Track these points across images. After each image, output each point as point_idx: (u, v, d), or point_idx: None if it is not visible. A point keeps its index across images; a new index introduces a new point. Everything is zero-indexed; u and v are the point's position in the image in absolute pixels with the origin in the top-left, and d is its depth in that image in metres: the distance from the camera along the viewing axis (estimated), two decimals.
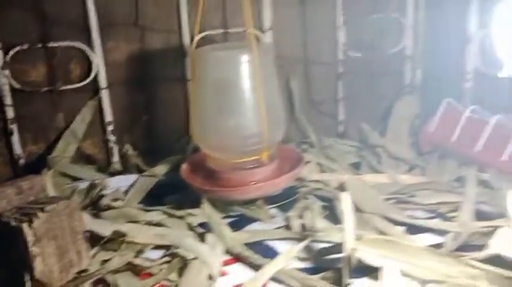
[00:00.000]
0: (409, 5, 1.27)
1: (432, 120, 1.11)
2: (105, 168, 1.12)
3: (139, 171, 1.07)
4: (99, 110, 1.13)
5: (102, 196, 0.97)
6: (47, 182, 0.87)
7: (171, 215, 0.90)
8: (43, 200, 0.75)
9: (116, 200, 0.96)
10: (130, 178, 1.04)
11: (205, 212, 0.88)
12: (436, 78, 1.29)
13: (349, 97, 1.29)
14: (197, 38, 0.94)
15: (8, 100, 1.05)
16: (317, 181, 1.01)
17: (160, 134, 1.19)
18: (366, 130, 1.16)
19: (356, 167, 1.10)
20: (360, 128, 1.31)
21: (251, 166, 0.91)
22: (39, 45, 1.05)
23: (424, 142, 1.12)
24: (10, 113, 1.06)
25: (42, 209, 0.71)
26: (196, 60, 0.90)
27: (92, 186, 1.00)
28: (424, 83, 1.31)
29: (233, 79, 0.87)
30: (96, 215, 0.88)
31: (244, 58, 0.86)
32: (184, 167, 0.98)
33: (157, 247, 0.81)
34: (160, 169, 1.04)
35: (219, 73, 0.87)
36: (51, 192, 0.90)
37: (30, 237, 0.68)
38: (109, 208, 0.92)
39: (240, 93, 0.87)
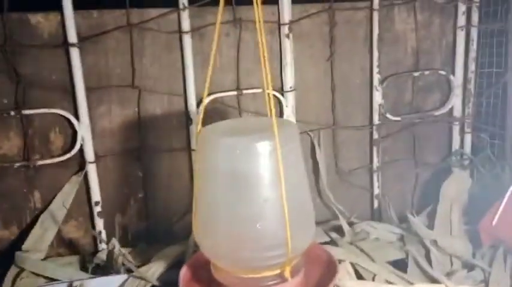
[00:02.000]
0: (458, 61, 1.07)
1: (495, 209, 0.90)
2: (90, 260, 0.92)
3: (129, 269, 0.86)
4: (85, 187, 0.93)
5: None
6: None
7: None
8: None
9: None
10: (116, 280, 0.83)
11: None
12: (490, 146, 1.08)
13: (386, 167, 1.08)
14: (203, 105, 0.74)
15: None
16: None
17: (160, 213, 0.99)
18: (412, 221, 0.94)
19: (400, 266, 0.88)
20: (400, 202, 1.11)
21: (269, 283, 0.70)
22: (12, 113, 0.86)
23: (486, 236, 0.90)
24: None
25: None
26: (204, 144, 0.70)
27: None
28: (475, 151, 1.10)
29: (250, 173, 0.66)
30: None
31: (265, 147, 0.66)
32: (183, 273, 0.77)
33: None
34: (154, 270, 0.83)
35: (232, 164, 0.67)
36: None
37: None
38: None
39: (259, 191, 0.67)
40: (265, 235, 0.67)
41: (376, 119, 1.05)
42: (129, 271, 0.84)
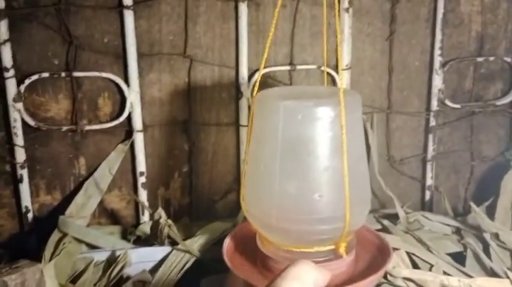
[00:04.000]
0: None
1: None
2: (132, 231, 0.89)
3: (173, 242, 0.83)
4: (131, 157, 0.90)
5: (124, 278, 0.74)
6: (46, 274, 0.64)
7: None
8: None
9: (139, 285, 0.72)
10: (160, 251, 0.81)
11: None
12: None
13: (440, 157, 1.03)
14: (259, 75, 0.70)
15: (19, 140, 0.84)
16: (408, 280, 0.75)
17: (204, 189, 0.96)
18: (475, 210, 0.88)
19: (458, 259, 0.82)
20: (453, 195, 1.05)
21: (320, 259, 0.66)
22: (63, 74, 0.84)
23: None
24: (20, 155, 0.85)
25: None
26: (261, 108, 0.66)
27: (111, 261, 0.78)
28: None
29: (311, 139, 0.62)
30: None
31: (329, 112, 0.61)
32: (227, 244, 0.73)
33: None
34: (199, 244, 0.80)
35: (292, 129, 0.62)
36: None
37: None
38: None
39: (317, 162, 0.62)
40: (323, 206, 0.63)
41: (434, 105, 0.99)
42: (173, 243, 0.81)
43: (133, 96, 0.87)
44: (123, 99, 0.87)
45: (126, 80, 0.86)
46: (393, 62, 0.97)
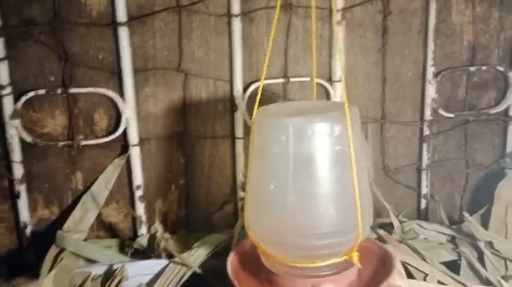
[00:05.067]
0: None
1: None
2: (129, 244, 0.90)
3: (170, 255, 0.83)
4: (127, 170, 0.91)
5: None
6: None
7: None
8: None
9: None
10: (157, 264, 0.81)
11: None
12: None
13: (435, 165, 1.03)
14: (260, 85, 0.71)
15: (16, 156, 0.86)
16: None
17: (200, 201, 0.96)
18: (468, 220, 0.89)
19: (452, 268, 0.83)
20: (449, 203, 1.05)
21: (324, 273, 0.67)
22: (59, 91, 0.85)
23: None
24: (18, 171, 0.86)
25: None
26: (265, 126, 0.67)
27: (109, 275, 0.78)
28: None
29: (319, 156, 0.64)
30: None
31: (336, 128, 0.63)
32: (231, 260, 0.74)
33: None
34: (195, 257, 0.81)
35: (295, 148, 0.64)
36: None
37: None
38: None
39: (327, 176, 0.64)
40: (334, 220, 0.64)
41: (427, 115, 1.00)
42: (170, 256, 0.82)
43: (129, 111, 0.88)
44: (118, 114, 0.88)
45: (122, 95, 0.88)
46: (386, 73, 0.98)
